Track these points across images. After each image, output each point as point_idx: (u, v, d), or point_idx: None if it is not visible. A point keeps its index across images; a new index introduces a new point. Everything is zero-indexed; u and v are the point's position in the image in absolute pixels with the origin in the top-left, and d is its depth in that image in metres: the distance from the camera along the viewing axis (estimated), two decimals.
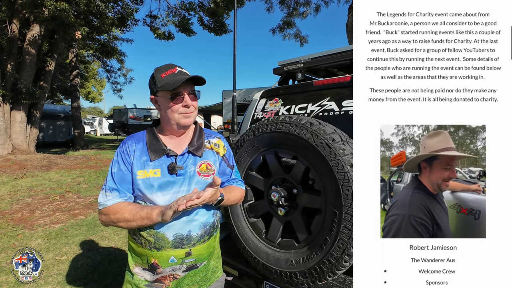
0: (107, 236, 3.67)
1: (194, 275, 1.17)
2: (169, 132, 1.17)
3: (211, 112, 19.63)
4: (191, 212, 1.11)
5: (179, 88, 1.08)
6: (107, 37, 14.87)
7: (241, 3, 11.49)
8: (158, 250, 1.09)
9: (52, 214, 4.55)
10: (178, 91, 1.08)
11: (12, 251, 3.20)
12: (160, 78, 1.08)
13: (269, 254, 1.56)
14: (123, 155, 1.12)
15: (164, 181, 1.09)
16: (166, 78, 1.07)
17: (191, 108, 1.11)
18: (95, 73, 26.54)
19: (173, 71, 1.09)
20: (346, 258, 1.27)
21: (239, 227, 1.70)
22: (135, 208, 1.07)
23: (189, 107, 1.10)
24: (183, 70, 1.12)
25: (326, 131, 1.36)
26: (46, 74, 10.98)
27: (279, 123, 1.52)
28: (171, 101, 1.08)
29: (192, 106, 1.12)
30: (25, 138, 10.19)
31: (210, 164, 1.18)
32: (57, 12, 7.81)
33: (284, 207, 1.53)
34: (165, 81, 1.07)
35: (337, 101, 1.74)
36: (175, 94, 1.08)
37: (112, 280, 2.66)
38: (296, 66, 2.21)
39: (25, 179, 6.77)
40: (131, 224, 1.06)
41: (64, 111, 17.56)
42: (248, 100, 10.40)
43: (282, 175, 1.57)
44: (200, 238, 1.14)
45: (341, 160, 1.28)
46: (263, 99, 2.16)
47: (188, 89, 1.10)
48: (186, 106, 1.09)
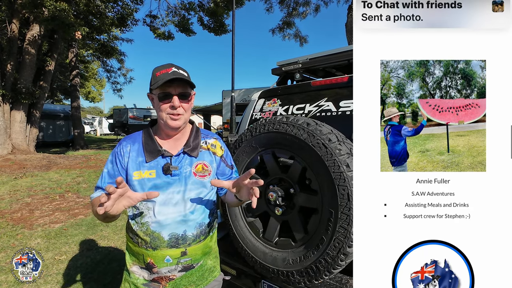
0: (107, 236, 3.68)
1: (190, 275, 1.18)
2: (164, 133, 1.17)
3: (210, 112, 19.60)
4: (187, 211, 1.12)
5: (168, 87, 1.07)
6: (107, 37, 14.86)
7: (241, 3, 11.50)
8: (154, 249, 1.10)
9: (51, 213, 4.56)
10: (166, 91, 1.07)
11: (12, 250, 3.21)
12: (155, 76, 1.08)
13: (266, 253, 1.57)
14: (117, 156, 1.13)
15: (159, 182, 1.10)
16: (160, 76, 1.07)
17: (179, 110, 1.09)
18: (95, 73, 26.52)
19: (168, 70, 1.08)
20: (342, 257, 1.28)
21: (236, 227, 1.71)
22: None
23: (176, 109, 1.08)
24: (179, 71, 1.10)
25: (323, 131, 1.37)
26: (46, 74, 10.99)
27: (276, 123, 1.53)
28: (159, 100, 1.09)
29: (180, 108, 1.09)
30: (25, 138, 10.20)
31: (206, 164, 1.19)
32: (57, 12, 7.82)
33: (281, 207, 1.54)
34: (157, 80, 1.07)
35: (335, 102, 1.75)
36: (163, 93, 1.08)
37: (111, 279, 2.67)
38: (295, 66, 2.22)
39: (24, 179, 6.78)
40: (101, 218, 0.98)
41: (64, 111, 17.56)
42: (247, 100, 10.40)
43: (280, 175, 1.58)
44: (196, 238, 1.15)
45: (337, 160, 1.29)
46: (262, 99, 2.17)
47: (178, 90, 1.08)
48: (173, 107, 1.08)
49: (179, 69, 1.10)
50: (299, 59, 2.23)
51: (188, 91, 1.12)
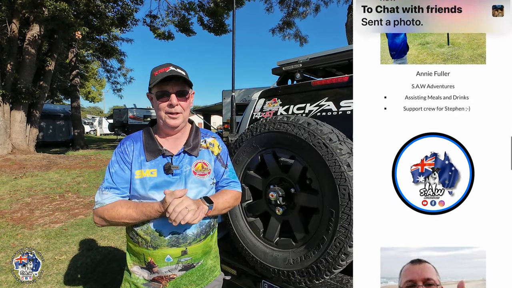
0: (107, 236, 3.68)
1: (191, 275, 1.17)
2: (164, 132, 1.18)
3: (211, 112, 19.60)
4: None
5: (165, 86, 1.07)
6: (107, 37, 14.87)
7: (241, 3, 11.50)
8: (154, 248, 1.10)
9: (51, 213, 4.56)
10: (164, 89, 1.08)
11: (12, 250, 3.21)
12: (153, 75, 1.09)
13: (267, 253, 1.57)
14: (122, 155, 1.13)
15: (161, 181, 1.10)
16: (157, 75, 1.07)
17: (177, 108, 1.09)
18: (95, 73, 26.51)
19: (165, 69, 1.08)
20: (343, 257, 1.28)
21: (237, 227, 1.71)
22: (134, 204, 1.07)
23: (174, 107, 1.09)
24: (177, 70, 1.10)
25: (324, 131, 1.37)
26: (46, 74, 10.99)
27: (277, 123, 1.52)
28: (157, 98, 1.09)
29: (178, 106, 1.09)
30: (25, 138, 10.20)
31: (206, 163, 1.19)
32: (57, 12, 7.82)
33: (282, 207, 1.54)
34: (155, 78, 1.07)
35: (335, 101, 1.75)
36: (161, 92, 1.08)
37: (111, 279, 2.66)
38: (295, 66, 2.22)
39: (24, 179, 6.78)
40: (128, 221, 1.06)
41: (64, 110, 17.56)
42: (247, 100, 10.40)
43: (280, 174, 1.58)
44: (196, 237, 1.15)
45: (338, 160, 1.29)
46: (262, 99, 2.17)
47: (176, 89, 1.09)
48: (171, 105, 1.08)
49: (176, 68, 1.11)
50: (299, 59, 2.22)
51: (186, 89, 1.13)
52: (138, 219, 1.06)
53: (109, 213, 1.06)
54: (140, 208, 1.05)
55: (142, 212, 1.05)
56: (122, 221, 1.06)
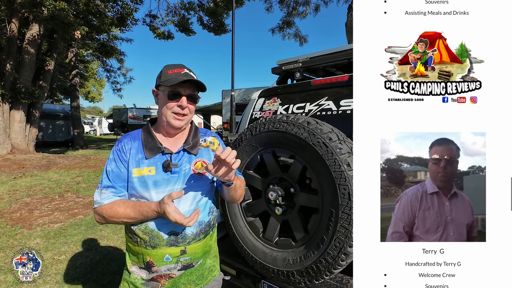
0: (106, 236, 3.67)
1: (190, 274, 1.17)
2: (165, 130, 1.18)
3: (210, 112, 19.57)
4: (186, 209, 1.11)
5: (178, 87, 1.09)
6: (106, 36, 14.86)
7: (241, 3, 11.49)
8: (153, 248, 1.10)
9: (51, 213, 4.55)
10: (177, 90, 1.10)
11: (11, 250, 3.20)
12: (165, 74, 1.11)
13: (266, 253, 1.57)
14: (119, 153, 1.13)
15: (159, 178, 1.10)
16: (171, 75, 1.09)
17: (185, 110, 1.12)
18: (95, 73, 26.51)
19: (180, 71, 1.11)
20: (343, 257, 1.27)
21: (236, 226, 1.70)
22: (132, 203, 1.08)
23: (183, 109, 1.11)
24: (191, 73, 1.13)
25: (323, 130, 1.37)
26: (46, 74, 10.98)
27: (276, 122, 1.52)
28: (168, 98, 1.10)
29: (187, 109, 1.12)
30: (24, 138, 10.19)
31: (206, 162, 1.19)
32: (56, 11, 7.82)
33: (281, 206, 1.53)
34: (168, 78, 1.09)
35: (335, 101, 1.75)
36: (173, 92, 1.10)
37: (110, 279, 2.66)
38: (295, 65, 2.21)
39: (24, 179, 6.77)
40: (126, 220, 1.07)
41: (63, 110, 17.56)
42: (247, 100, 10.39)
43: (280, 174, 1.57)
44: (195, 237, 1.15)
45: (338, 159, 1.28)
46: (261, 99, 2.16)
47: (188, 92, 1.11)
48: (181, 106, 1.10)
49: (190, 71, 1.14)
50: (299, 58, 2.22)
51: (196, 93, 1.16)
52: (136, 218, 1.07)
53: (107, 212, 1.07)
54: (137, 207, 1.06)
55: (140, 211, 1.05)
56: (121, 220, 1.07)
